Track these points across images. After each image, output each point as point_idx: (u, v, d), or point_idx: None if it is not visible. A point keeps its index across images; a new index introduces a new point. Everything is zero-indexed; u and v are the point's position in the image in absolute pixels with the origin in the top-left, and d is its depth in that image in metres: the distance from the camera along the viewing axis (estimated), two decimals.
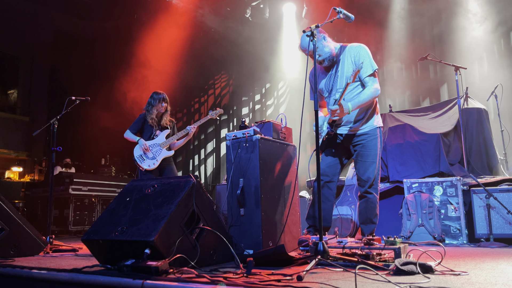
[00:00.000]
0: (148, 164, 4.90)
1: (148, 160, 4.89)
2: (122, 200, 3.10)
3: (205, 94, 11.69)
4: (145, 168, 4.88)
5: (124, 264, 2.49)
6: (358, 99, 3.30)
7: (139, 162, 4.89)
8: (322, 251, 2.54)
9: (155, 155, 4.90)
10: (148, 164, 4.90)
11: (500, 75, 6.69)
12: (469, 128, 5.52)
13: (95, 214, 8.02)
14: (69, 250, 4.26)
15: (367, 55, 3.36)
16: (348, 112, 3.23)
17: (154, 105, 4.99)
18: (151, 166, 4.89)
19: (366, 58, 3.33)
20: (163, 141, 4.96)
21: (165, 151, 4.95)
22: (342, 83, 3.38)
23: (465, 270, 2.39)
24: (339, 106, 3.17)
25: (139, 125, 5.04)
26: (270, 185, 3.64)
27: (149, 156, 4.89)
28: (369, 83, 3.34)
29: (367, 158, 3.39)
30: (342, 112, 3.20)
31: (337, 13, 3.11)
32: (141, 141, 4.90)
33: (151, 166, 4.89)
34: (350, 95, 3.38)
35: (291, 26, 9.48)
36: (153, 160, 4.90)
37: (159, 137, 4.98)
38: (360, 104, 3.30)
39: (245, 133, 3.65)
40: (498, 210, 4.24)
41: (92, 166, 10.17)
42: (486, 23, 7.05)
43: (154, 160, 4.90)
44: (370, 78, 3.35)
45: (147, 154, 4.90)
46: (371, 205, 3.39)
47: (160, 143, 4.95)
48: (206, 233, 2.96)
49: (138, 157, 4.92)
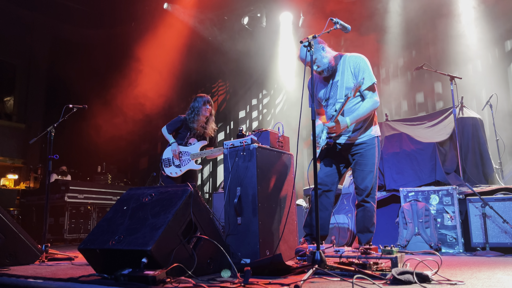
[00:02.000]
0: (171, 171, 4.72)
1: (173, 167, 4.70)
2: (119, 209, 3.10)
3: None
4: (167, 174, 4.70)
5: (121, 274, 2.49)
6: (357, 112, 3.33)
7: (164, 165, 4.73)
8: (319, 260, 2.55)
9: (182, 164, 4.70)
10: (171, 171, 4.71)
11: (495, 85, 6.76)
12: (464, 137, 5.56)
13: (90, 222, 7.97)
14: (65, 259, 4.24)
15: (367, 67, 3.39)
16: (346, 127, 3.27)
17: (200, 108, 4.73)
18: (173, 174, 4.71)
19: (366, 71, 3.36)
20: (196, 153, 4.72)
21: (192, 163, 4.72)
22: (342, 93, 3.40)
23: (462, 280, 2.40)
24: (336, 123, 3.21)
25: (176, 126, 4.82)
26: (268, 193, 3.64)
27: (175, 163, 4.70)
28: (368, 95, 3.37)
29: (365, 167, 3.41)
30: (339, 128, 3.25)
31: (334, 23, 3.14)
32: (174, 145, 4.71)
33: (173, 174, 4.71)
34: (349, 104, 3.41)
35: (288, 35, 9.54)
36: (178, 169, 4.70)
37: (193, 146, 4.76)
38: (359, 118, 3.33)
39: (243, 141, 3.66)
40: (494, 219, 4.26)
41: (88, 173, 10.13)
42: (481, 32, 7.13)
43: (178, 169, 4.70)
44: (369, 92, 3.38)
45: (174, 160, 4.70)
46: (369, 214, 3.40)
47: (192, 153, 4.72)
48: (203, 242, 2.96)
49: (165, 160, 4.75)
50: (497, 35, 7.03)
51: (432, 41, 7.85)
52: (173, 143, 4.73)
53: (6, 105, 12.29)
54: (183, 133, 4.82)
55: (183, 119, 4.83)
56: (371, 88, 3.38)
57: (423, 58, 7.55)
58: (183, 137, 4.82)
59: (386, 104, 8.12)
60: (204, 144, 4.83)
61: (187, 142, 4.80)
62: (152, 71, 9.81)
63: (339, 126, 3.23)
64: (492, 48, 7.10)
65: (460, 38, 7.33)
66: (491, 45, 7.09)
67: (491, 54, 7.16)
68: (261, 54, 9.72)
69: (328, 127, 3.23)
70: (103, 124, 10.00)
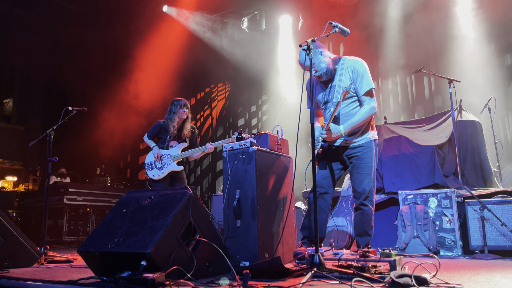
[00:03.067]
0: (153, 174, 4.86)
1: (155, 170, 4.85)
2: (119, 212, 3.10)
3: (202, 104, 11.71)
4: (149, 177, 4.84)
5: (120, 276, 2.49)
6: (352, 120, 3.35)
7: (147, 168, 4.87)
8: (318, 263, 2.56)
9: (164, 166, 4.84)
10: (153, 174, 4.86)
11: (494, 88, 6.77)
12: (463, 140, 5.57)
13: (89, 224, 7.96)
14: (63, 261, 4.23)
15: (365, 71, 3.39)
16: (340, 135, 3.30)
17: (175, 112, 4.93)
18: (155, 177, 4.85)
19: (363, 75, 3.36)
20: (177, 154, 4.88)
21: (174, 164, 4.86)
22: (338, 97, 3.42)
23: (460, 283, 2.41)
24: (328, 132, 3.24)
25: (155, 131, 5.00)
26: (267, 196, 3.65)
27: (157, 166, 4.84)
28: (366, 101, 3.38)
29: (362, 170, 3.42)
30: (331, 137, 3.28)
31: (333, 27, 3.15)
32: (155, 148, 4.86)
33: (155, 176, 4.85)
34: (346, 109, 3.42)
35: (287, 38, 9.56)
36: (160, 171, 4.84)
37: (174, 148, 4.91)
38: (354, 126, 3.35)
39: (242, 144, 3.67)
40: (492, 222, 4.27)
41: (87, 175, 10.13)
42: (481, 36, 7.15)
43: (160, 171, 4.84)
44: (367, 97, 3.38)
45: (156, 163, 4.84)
46: (367, 217, 3.41)
47: (173, 155, 4.87)
48: (203, 245, 2.96)
49: (148, 164, 4.89)
50: (495, 37, 7.06)
51: (431, 44, 7.88)
52: (154, 147, 4.90)
53: (5, 107, 12.28)
54: (164, 137, 4.98)
55: (162, 124, 5.01)
56: (368, 93, 3.38)
57: (422, 61, 7.58)
58: (164, 141, 4.98)
59: (384, 107, 8.14)
60: (185, 146, 4.98)
61: (168, 145, 4.96)
62: (151, 74, 9.82)
63: (331, 135, 3.27)
64: (491, 52, 7.12)
65: (459, 41, 7.35)
66: (491, 50, 7.12)
67: (490, 58, 7.18)
68: (260, 57, 9.74)
69: (321, 136, 3.27)
70: (103, 126, 10.00)
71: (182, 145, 4.96)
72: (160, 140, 5.00)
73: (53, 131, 4.79)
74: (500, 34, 7.06)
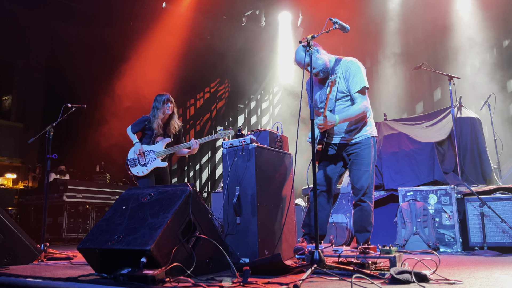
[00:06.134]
0: (137, 171, 4.67)
1: (139, 166, 4.67)
2: (119, 209, 3.10)
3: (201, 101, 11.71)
4: (133, 174, 4.67)
5: (120, 273, 2.49)
6: (346, 113, 3.37)
7: (130, 165, 4.70)
8: (318, 260, 2.55)
9: (148, 163, 4.66)
10: (137, 170, 4.67)
11: (494, 85, 6.77)
12: (463, 137, 5.57)
13: (89, 221, 7.97)
14: (63, 258, 4.23)
15: (357, 71, 3.41)
16: (334, 123, 3.29)
17: (159, 108, 4.70)
18: (139, 174, 4.66)
19: (356, 74, 3.39)
20: (161, 151, 4.69)
21: (158, 161, 4.68)
22: (333, 94, 3.43)
23: (460, 279, 2.41)
24: (324, 118, 3.23)
25: (140, 127, 4.79)
26: (266, 193, 3.65)
27: (141, 162, 4.66)
28: (358, 100, 3.39)
29: (360, 166, 3.43)
30: (327, 125, 3.26)
31: (333, 23, 3.15)
32: (137, 145, 4.68)
33: (139, 173, 4.66)
34: (340, 107, 3.46)
35: (287, 35, 9.54)
36: (144, 168, 4.66)
37: (157, 144, 4.72)
38: (348, 118, 3.36)
39: (242, 141, 3.67)
40: (492, 219, 4.27)
41: (86, 173, 10.13)
42: (481, 32, 7.14)
43: (144, 168, 4.66)
44: (359, 95, 3.39)
45: (140, 159, 4.67)
46: (366, 214, 3.41)
47: (157, 151, 4.68)
48: (203, 241, 2.96)
49: (130, 160, 4.70)
50: (495, 34, 7.05)
51: (431, 40, 7.87)
52: (136, 143, 4.72)
53: (4, 104, 12.26)
54: (149, 133, 4.78)
55: (147, 119, 4.78)
56: (361, 91, 3.39)
57: (422, 57, 7.57)
58: (149, 137, 4.78)
59: (384, 104, 8.14)
60: (168, 141, 4.78)
61: (154, 141, 4.76)
62: (151, 71, 9.80)
63: (327, 122, 3.25)
64: (491, 49, 7.12)
65: (459, 38, 7.34)
66: (489, 45, 7.11)
67: (489, 55, 7.18)
68: (260, 53, 9.72)
69: (317, 123, 3.25)
70: (102, 124, 9.99)
71: (166, 140, 4.76)
72: (146, 135, 4.80)
73: (52, 128, 4.78)
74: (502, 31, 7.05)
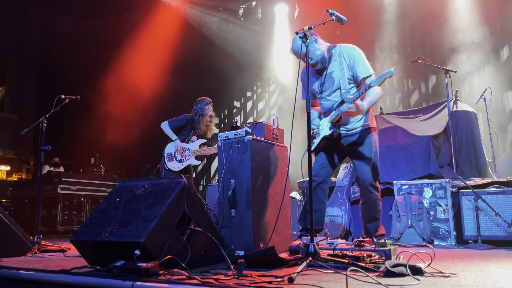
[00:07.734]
0: (173, 165, 5.05)
1: (175, 161, 5.04)
2: (112, 201, 3.07)
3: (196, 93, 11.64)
4: (169, 168, 5.04)
5: (113, 266, 2.47)
6: (370, 98, 3.28)
7: (167, 159, 5.06)
8: (313, 253, 2.54)
9: (184, 159, 5.05)
10: (173, 165, 5.05)
11: (489, 78, 6.77)
12: (458, 131, 5.57)
13: (83, 214, 7.93)
14: (57, 251, 4.21)
15: (360, 57, 3.37)
16: (362, 111, 3.23)
17: (203, 108, 5.13)
18: (175, 168, 5.05)
19: (359, 60, 3.34)
20: (196, 149, 5.09)
21: (193, 159, 5.08)
22: (345, 83, 3.36)
23: (454, 272, 2.41)
24: (356, 106, 3.15)
25: (181, 124, 5.13)
26: (262, 186, 3.63)
27: (177, 158, 5.04)
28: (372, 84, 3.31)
29: (363, 156, 3.40)
30: (358, 112, 3.20)
31: (330, 15, 3.11)
32: (177, 142, 5.04)
33: (175, 167, 5.05)
34: (345, 95, 3.37)
35: (284, 27, 9.48)
36: (179, 163, 5.04)
37: (194, 143, 5.12)
38: (373, 104, 3.32)
39: (237, 134, 3.64)
40: (486, 212, 4.28)
41: (81, 165, 10.07)
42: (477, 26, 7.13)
43: (180, 164, 5.04)
44: (370, 79, 3.26)
45: (177, 155, 5.03)
46: (373, 204, 3.39)
47: (193, 149, 5.08)
48: (197, 234, 2.95)
49: (168, 155, 5.08)
50: (492, 28, 7.03)
51: (428, 34, 7.84)
52: (176, 139, 5.07)
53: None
54: (187, 131, 5.17)
55: (190, 119, 5.17)
56: (370, 76, 3.31)
57: (418, 51, 7.55)
58: (186, 134, 5.17)
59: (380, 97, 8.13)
60: (203, 142, 5.21)
61: (190, 139, 5.17)
62: (146, 62, 9.72)
63: (358, 109, 3.18)
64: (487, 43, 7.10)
65: (455, 31, 7.33)
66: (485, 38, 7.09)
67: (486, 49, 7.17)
68: (256, 45, 9.66)
69: (346, 111, 3.18)
70: (96, 115, 9.92)
71: (201, 141, 5.17)
72: (182, 132, 5.16)
73: (45, 119, 4.73)
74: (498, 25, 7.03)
